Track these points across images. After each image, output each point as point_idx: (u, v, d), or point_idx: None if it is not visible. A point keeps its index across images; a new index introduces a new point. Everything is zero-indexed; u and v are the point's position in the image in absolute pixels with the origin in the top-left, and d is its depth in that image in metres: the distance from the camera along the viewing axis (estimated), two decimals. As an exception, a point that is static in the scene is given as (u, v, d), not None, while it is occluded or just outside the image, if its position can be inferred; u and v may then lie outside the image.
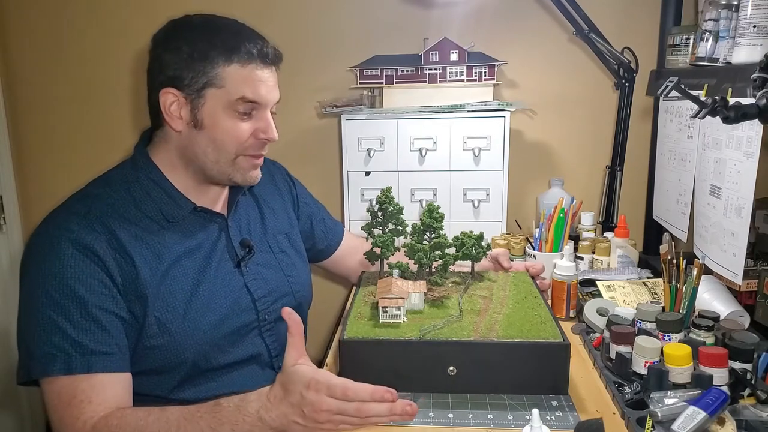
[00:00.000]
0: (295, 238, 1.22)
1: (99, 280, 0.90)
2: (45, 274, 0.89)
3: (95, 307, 0.89)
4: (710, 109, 0.82)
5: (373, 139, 1.55)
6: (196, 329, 0.97)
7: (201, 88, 0.95)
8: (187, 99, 0.95)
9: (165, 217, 0.99)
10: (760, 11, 1.00)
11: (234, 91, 0.95)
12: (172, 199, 1.00)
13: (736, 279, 1.05)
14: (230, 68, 0.95)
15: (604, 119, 1.72)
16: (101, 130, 1.88)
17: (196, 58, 0.94)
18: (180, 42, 0.95)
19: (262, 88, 0.98)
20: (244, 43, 0.96)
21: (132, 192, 0.99)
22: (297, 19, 1.74)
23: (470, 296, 1.09)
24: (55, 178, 1.92)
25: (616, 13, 1.63)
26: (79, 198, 0.98)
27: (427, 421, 0.87)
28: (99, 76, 1.84)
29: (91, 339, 0.88)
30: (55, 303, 0.88)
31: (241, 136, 0.98)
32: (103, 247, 0.91)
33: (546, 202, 1.56)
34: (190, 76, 0.94)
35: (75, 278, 0.89)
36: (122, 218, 0.95)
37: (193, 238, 1.02)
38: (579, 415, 0.87)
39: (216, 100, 0.95)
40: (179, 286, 0.97)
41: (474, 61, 1.54)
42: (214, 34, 0.95)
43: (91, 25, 1.81)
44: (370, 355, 0.93)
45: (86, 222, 0.92)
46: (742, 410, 0.81)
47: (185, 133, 0.98)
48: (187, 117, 0.96)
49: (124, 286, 0.92)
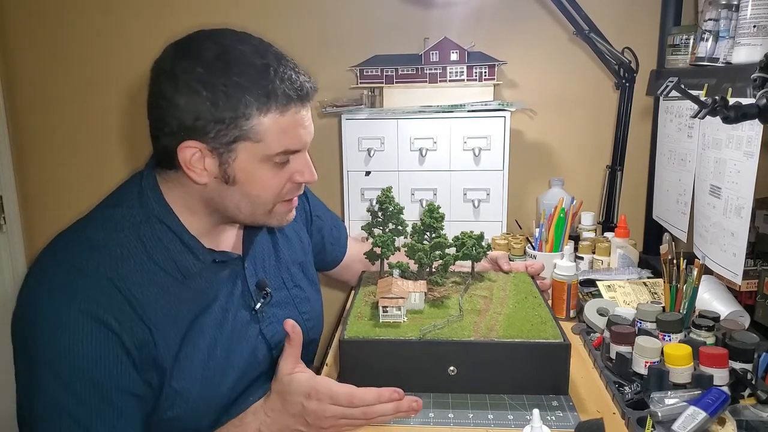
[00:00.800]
0: (308, 266, 1.13)
1: (115, 356, 0.77)
2: (52, 350, 0.75)
3: (111, 389, 0.77)
4: (710, 109, 0.82)
5: (374, 138, 1.55)
6: (215, 395, 0.88)
7: (231, 142, 0.80)
8: (213, 152, 0.81)
9: (180, 270, 0.85)
10: (760, 11, 1.00)
11: (274, 145, 0.82)
12: (189, 250, 0.87)
13: (736, 279, 1.05)
14: (267, 119, 0.80)
15: (604, 119, 1.72)
16: (101, 130, 1.88)
17: (223, 107, 0.78)
18: (195, 83, 0.78)
19: (303, 133, 0.85)
20: (279, 83, 0.80)
21: (141, 236, 0.84)
22: (297, 19, 1.74)
23: (470, 296, 1.09)
24: (55, 178, 1.92)
25: (616, 13, 1.63)
26: (82, 246, 0.82)
27: (427, 421, 0.87)
28: (99, 76, 1.84)
29: (105, 425, 0.76)
30: (65, 386, 0.75)
31: (280, 187, 0.87)
32: (117, 316, 0.78)
33: (546, 202, 1.56)
34: (217, 129, 0.79)
35: (89, 357, 0.76)
36: (134, 274, 0.81)
37: (210, 291, 0.89)
38: (579, 415, 0.87)
39: (250, 154, 0.82)
40: (197, 351, 0.86)
41: (474, 61, 1.54)
42: (239, 72, 0.78)
43: (90, 25, 1.81)
44: (370, 355, 0.93)
45: (97, 285, 0.78)
46: (743, 410, 0.81)
47: (212, 185, 0.84)
48: (214, 171, 0.82)
49: (140, 359, 0.80)
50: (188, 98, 0.78)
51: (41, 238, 1.95)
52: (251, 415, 0.86)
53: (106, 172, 1.88)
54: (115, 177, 0.99)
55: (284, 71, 0.81)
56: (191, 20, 1.76)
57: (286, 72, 0.81)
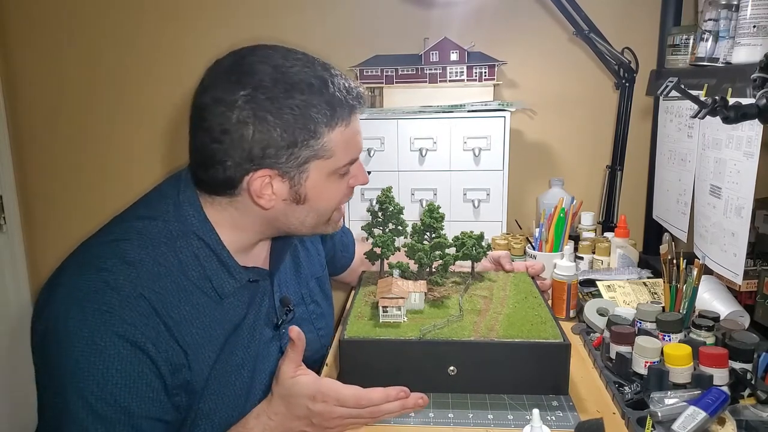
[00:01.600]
0: (325, 281, 1.14)
1: (148, 383, 0.75)
2: (83, 375, 0.72)
3: (141, 417, 0.75)
4: (710, 109, 0.82)
5: (373, 138, 1.54)
6: (239, 414, 0.86)
7: (303, 163, 0.80)
8: (284, 177, 0.81)
9: (215, 290, 0.84)
10: (760, 11, 1.00)
11: (342, 158, 0.83)
12: (226, 269, 0.85)
13: (736, 279, 1.05)
14: (335, 133, 0.80)
15: (604, 119, 1.72)
16: (101, 129, 1.88)
17: (293, 131, 0.77)
18: (262, 111, 0.76)
19: (360, 139, 0.87)
20: (338, 94, 0.80)
21: (178, 252, 0.81)
22: (297, 18, 1.74)
23: (470, 296, 1.09)
24: (56, 178, 1.92)
25: (616, 13, 1.63)
26: (116, 263, 0.77)
27: (428, 421, 0.87)
28: (99, 75, 1.84)
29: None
30: (95, 414, 0.72)
31: (342, 196, 0.89)
32: (154, 341, 0.75)
33: (546, 202, 1.56)
34: (289, 153, 0.78)
35: (121, 385, 0.73)
36: (170, 294, 0.79)
37: (240, 310, 0.88)
38: (579, 415, 0.87)
39: (320, 171, 0.83)
40: (226, 372, 0.85)
41: (474, 61, 1.54)
42: (301, 91, 0.77)
43: (91, 24, 1.81)
44: (370, 355, 0.93)
45: (134, 306, 0.75)
46: (743, 410, 0.81)
47: (278, 207, 0.84)
48: (285, 194, 0.82)
49: (173, 383, 0.78)
50: (256, 128, 0.76)
51: (41, 238, 1.95)
52: (254, 420, 0.85)
53: (106, 172, 1.88)
54: (115, 177, 0.99)
55: (338, 81, 0.81)
56: (191, 20, 1.77)
57: (340, 81, 0.81)
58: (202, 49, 1.75)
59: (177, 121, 1.82)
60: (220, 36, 1.75)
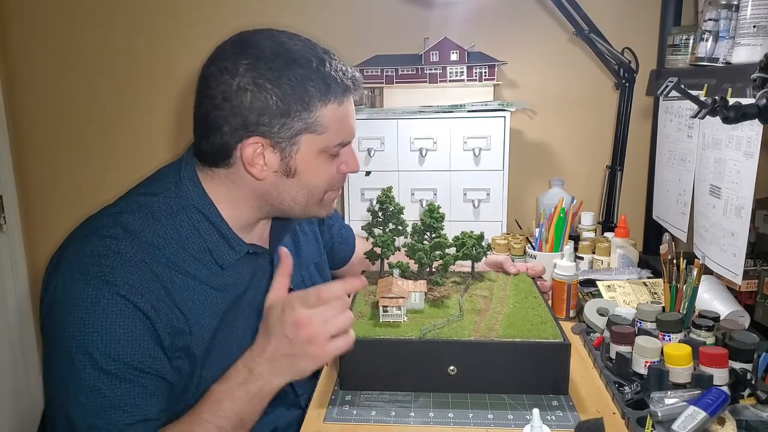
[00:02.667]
0: (323, 267, 1.16)
1: (149, 342, 0.79)
2: (88, 333, 0.76)
3: (146, 373, 0.78)
4: (710, 109, 0.82)
5: (374, 138, 1.55)
6: None
7: (295, 135, 0.83)
8: (275, 147, 0.84)
9: (216, 261, 0.87)
10: (760, 11, 1.00)
11: (333, 136, 0.86)
12: (226, 241, 0.88)
13: (736, 279, 1.05)
14: (327, 110, 0.84)
15: (604, 119, 1.72)
16: (101, 129, 1.88)
17: (288, 101, 0.81)
18: (261, 80, 0.80)
19: (353, 122, 0.89)
20: (334, 74, 0.84)
21: (178, 226, 0.85)
22: (297, 18, 1.74)
23: (470, 296, 1.09)
24: (55, 178, 1.92)
25: (616, 13, 1.63)
26: (119, 231, 0.82)
27: (428, 420, 0.87)
28: (100, 76, 1.84)
29: (140, 407, 0.78)
30: (100, 369, 0.76)
31: (332, 177, 0.90)
32: (154, 305, 0.79)
33: (546, 202, 1.56)
34: (282, 122, 0.82)
35: (125, 341, 0.77)
36: (171, 264, 0.83)
37: (241, 283, 0.91)
38: (579, 415, 0.87)
39: (311, 145, 0.85)
40: (227, 341, 0.88)
41: (474, 61, 1.54)
42: (300, 66, 0.81)
43: (91, 24, 1.81)
44: (370, 355, 0.93)
45: (135, 270, 0.79)
46: (743, 410, 0.81)
47: (270, 179, 0.86)
48: (276, 165, 0.85)
49: (173, 347, 0.81)
50: (254, 95, 0.80)
51: (41, 238, 1.95)
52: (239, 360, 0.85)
53: (106, 172, 1.88)
54: (116, 176, 0.99)
55: (336, 64, 0.85)
56: (191, 20, 1.77)
57: (337, 64, 0.85)
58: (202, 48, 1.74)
59: (178, 120, 1.82)
60: (219, 34, 1.74)
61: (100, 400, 0.76)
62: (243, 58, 0.81)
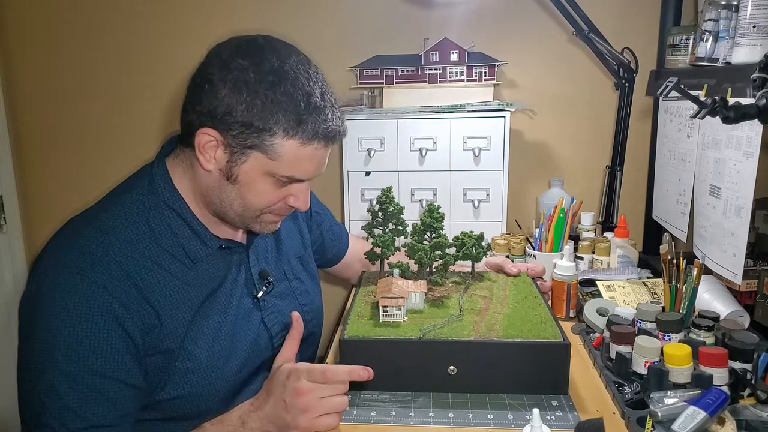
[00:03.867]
0: (308, 260, 1.16)
1: (114, 345, 0.79)
2: (53, 334, 0.78)
3: (106, 378, 0.79)
4: (710, 109, 0.82)
5: (373, 139, 1.55)
6: (219, 378, 0.90)
7: (248, 147, 0.83)
8: (227, 148, 0.84)
9: (188, 255, 0.89)
10: (759, 11, 1.01)
11: (284, 168, 0.85)
12: (197, 236, 0.90)
13: (736, 279, 1.05)
14: (288, 143, 0.83)
15: (604, 119, 1.72)
16: (101, 129, 1.88)
17: (254, 114, 0.81)
18: (241, 84, 0.81)
19: (314, 168, 0.88)
20: (314, 117, 0.83)
21: (150, 222, 0.87)
22: (297, 18, 1.74)
23: (470, 296, 1.09)
24: (56, 178, 1.92)
25: (616, 13, 1.63)
26: (91, 232, 0.84)
27: (428, 420, 0.87)
28: (99, 75, 1.84)
29: (95, 412, 0.78)
30: (61, 372, 0.77)
31: (272, 201, 0.90)
32: (124, 304, 0.80)
33: (546, 202, 1.56)
34: (240, 130, 0.82)
35: (87, 345, 0.78)
36: (143, 258, 0.84)
37: (216, 277, 0.93)
38: (579, 414, 0.87)
39: (259, 164, 0.85)
40: (203, 333, 0.88)
41: (474, 61, 1.54)
42: (284, 92, 0.82)
43: (90, 24, 1.81)
44: (370, 355, 0.93)
45: (105, 269, 0.80)
46: (742, 410, 0.81)
47: (214, 175, 0.87)
48: (221, 164, 0.86)
49: (145, 344, 0.82)
50: (229, 92, 0.81)
51: (41, 238, 1.95)
52: (237, 407, 0.89)
53: (106, 172, 1.88)
54: (116, 176, 0.99)
55: (324, 108, 0.85)
56: (192, 21, 1.77)
57: (325, 110, 0.85)
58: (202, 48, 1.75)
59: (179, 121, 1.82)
60: (219, 34, 1.74)
61: (56, 401, 0.77)
62: (241, 59, 0.83)
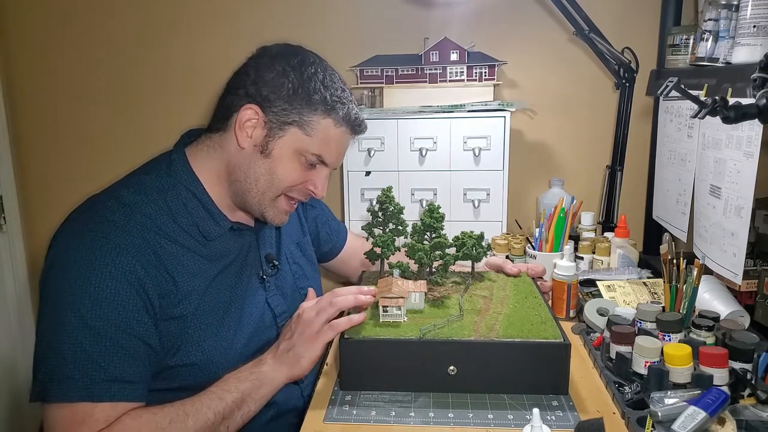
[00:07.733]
0: (306, 247, 1.22)
1: (135, 305, 0.84)
2: (79, 291, 0.82)
3: (127, 334, 0.84)
4: (710, 109, 0.82)
5: (374, 138, 1.55)
6: (229, 348, 0.95)
7: (287, 123, 0.93)
8: (266, 124, 0.93)
9: (202, 233, 0.96)
10: (760, 11, 1.01)
11: (315, 145, 0.95)
12: (211, 216, 0.97)
13: (736, 279, 1.05)
14: (324, 122, 0.94)
15: (604, 119, 1.72)
16: (101, 129, 1.88)
17: (300, 94, 0.92)
18: (289, 70, 0.93)
19: (337, 153, 0.99)
20: (348, 105, 0.96)
21: (168, 202, 0.93)
22: (297, 18, 1.74)
23: (470, 296, 1.09)
24: (56, 178, 1.92)
25: (616, 13, 1.63)
26: (114, 204, 0.90)
27: (428, 420, 0.87)
28: (100, 76, 1.84)
29: (117, 366, 0.82)
30: (86, 325, 0.81)
31: (295, 180, 0.97)
32: (144, 267, 0.86)
33: (546, 202, 1.56)
34: (283, 107, 0.92)
35: (111, 302, 0.83)
36: (161, 232, 0.90)
37: (229, 254, 0.99)
38: (579, 414, 0.87)
39: (294, 141, 0.94)
40: (215, 305, 0.95)
41: (474, 61, 1.54)
42: (326, 81, 0.94)
43: (91, 24, 1.81)
44: (370, 355, 0.93)
45: (128, 235, 0.86)
46: (743, 410, 0.81)
47: (247, 152, 0.95)
48: (258, 140, 0.94)
49: (162, 309, 0.88)
50: (275, 76, 0.92)
51: (41, 238, 1.94)
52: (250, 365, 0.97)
53: (106, 172, 1.87)
54: (116, 176, 1.00)
55: (352, 101, 0.98)
56: (191, 20, 1.77)
57: (352, 103, 0.98)
58: (202, 48, 1.75)
59: (180, 119, 1.81)
60: (219, 35, 1.75)
61: (80, 353, 0.81)
62: (287, 54, 0.95)
